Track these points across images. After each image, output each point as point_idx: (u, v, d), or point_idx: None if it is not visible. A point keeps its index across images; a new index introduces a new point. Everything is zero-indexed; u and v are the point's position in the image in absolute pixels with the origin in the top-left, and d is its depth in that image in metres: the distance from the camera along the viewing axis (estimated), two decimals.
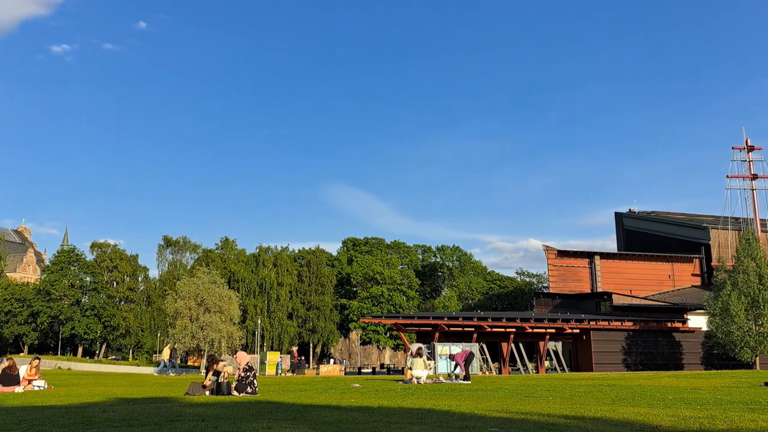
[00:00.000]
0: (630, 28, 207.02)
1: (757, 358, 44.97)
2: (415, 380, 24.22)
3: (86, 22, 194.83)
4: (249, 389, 16.93)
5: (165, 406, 13.03)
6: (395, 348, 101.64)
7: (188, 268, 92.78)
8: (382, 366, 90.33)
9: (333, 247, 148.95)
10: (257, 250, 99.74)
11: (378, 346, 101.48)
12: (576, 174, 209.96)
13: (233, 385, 17.05)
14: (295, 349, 48.39)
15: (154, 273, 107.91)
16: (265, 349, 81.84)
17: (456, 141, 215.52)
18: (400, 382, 25.14)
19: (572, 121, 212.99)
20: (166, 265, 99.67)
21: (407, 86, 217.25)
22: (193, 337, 48.06)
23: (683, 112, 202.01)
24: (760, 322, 43.83)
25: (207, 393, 16.98)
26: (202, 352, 50.21)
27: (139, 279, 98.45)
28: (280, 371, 49.32)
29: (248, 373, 17.18)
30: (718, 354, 48.14)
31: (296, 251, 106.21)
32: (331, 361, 67.48)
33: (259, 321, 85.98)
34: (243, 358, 17.64)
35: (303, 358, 61.70)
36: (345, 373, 54.03)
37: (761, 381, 24.83)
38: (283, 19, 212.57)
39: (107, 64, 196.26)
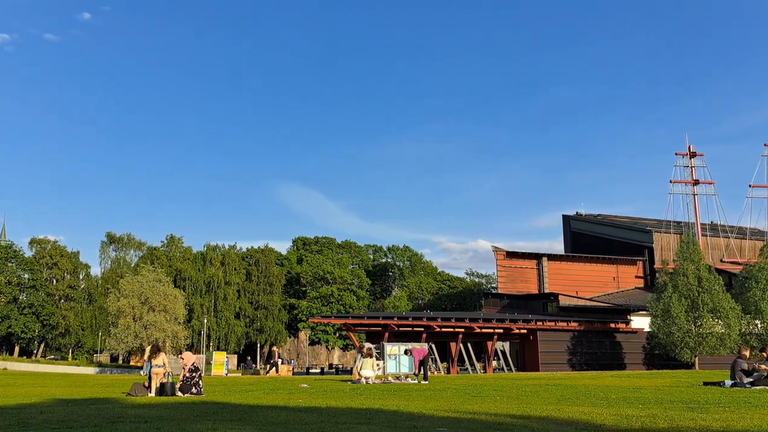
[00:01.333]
0: (579, 36, 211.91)
1: (697, 358, 46.34)
2: (363, 380, 24.02)
3: (26, 12, 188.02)
4: (194, 390, 16.67)
5: (105, 407, 12.68)
6: (344, 348, 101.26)
7: (132, 265, 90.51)
8: (330, 366, 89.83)
9: (283, 246, 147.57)
10: (204, 248, 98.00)
11: (327, 347, 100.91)
12: (525, 177, 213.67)
13: (177, 386, 16.71)
14: (276, 349, 47.64)
15: (96, 270, 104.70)
16: (211, 349, 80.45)
17: (409, 143, 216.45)
18: (349, 382, 24.92)
19: (523, 125, 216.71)
20: (109, 263, 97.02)
21: (361, 87, 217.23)
22: (136, 336, 46.77)
23: (629, 119, 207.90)
24: (699, 324, 45.17)
25: (150, 394, 16.58)
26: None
27: (81, 276, 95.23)
28: (227, 372, 48.42)
29: (193, 374, 16.90)
30: (659, 354, 49.44)
31: (245, 250, 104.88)
32: (279, 361, 66.74)
33: (206, 320, 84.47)
34: (189, 358, 17.39)
35: (249, 358, 60.78)
36: (293, 374, 53.67)
37: (700, 381, 25.47)
38: (224, 9, 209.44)
39: (48, 54, 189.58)
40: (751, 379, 21.57)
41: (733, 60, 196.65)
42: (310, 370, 70.00)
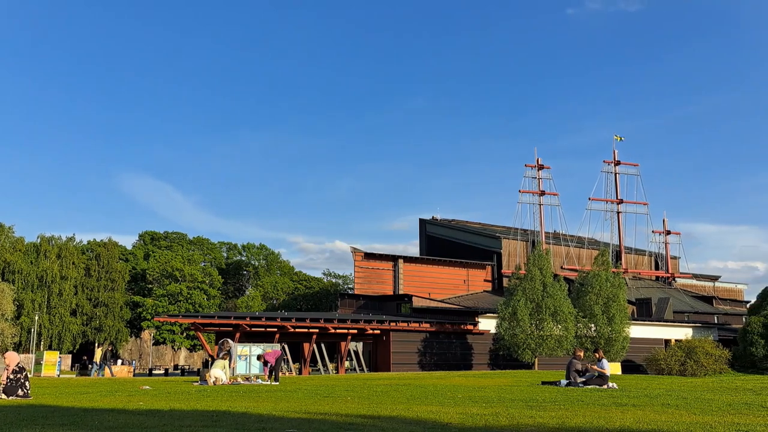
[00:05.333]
0: (441, 45, 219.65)
1: (536, 359, 49.06)
2: (212, 381, 22.93)
3: None
4: (20, 392, 15.47)
5: None
6: (192, 349, 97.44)
7: None
8: (176, 367, 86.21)
9: (128, 241, 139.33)
10: (38, 240, 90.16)
11: (173, 347, 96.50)
12: (383, 179, 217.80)
13: (1, 389, 15.38)
14: (108, 347, 45.38)
15: None
16: (42, 348, 74.38)
17: (265, 139, 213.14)
18: (195, 383, 23.85)
19: (382, 128, 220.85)
20: None
21: (217, 77, 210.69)
22: None
23: (484, 129, 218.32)
24: (541, 327, 47.87)
25: None
26: None
27: None
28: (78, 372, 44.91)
29: (18, 375, 15.66)
30: (503, 355, 51.82)
31: (85, 243, 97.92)
32: (119, 361, 62.87)
33: (37, 317, 77.79)
34: (13, 358, 16.07)
35: (86, 358, 56.46)
36: (134, 375, 50.81)
37: (539, 380, 26.79)
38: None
39: None
40: (584, 379, 22.95)
41: (578, 78, 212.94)
42: (154, 371, 66.70)
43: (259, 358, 28.42)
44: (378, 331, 52.76)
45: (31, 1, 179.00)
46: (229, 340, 29.38)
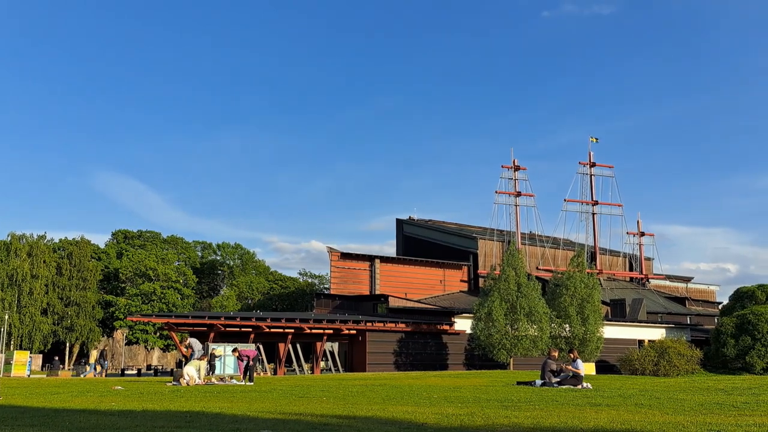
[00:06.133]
0: (419, 46, 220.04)
1: (512, 359, 49.28)
2: (185, 381, 22.63)
3: None
4: None
5: None
6: (165, 349, 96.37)
7: None
8: (149, 367, 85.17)
9: (101, 239, 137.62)
10: (8, 238, 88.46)
11: (146, 347, 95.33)
12: (360, 179, 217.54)
13: None
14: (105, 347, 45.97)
15: None
16: (12, 348, 73.01)
17: (241, 138, 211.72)
18: (169, 384, 23.55)
19: (360, 127, 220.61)
20: None
21: (192, 75, 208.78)
22: None
23: (462, 129, 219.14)
24: (516, 327, 48.10)
25: None
26: None
27: None
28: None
29: None
30: (479, 355, 52.00)
31: (57, 241, 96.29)
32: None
33: (7, 316, 76.30)
34: None
35: (57, 358, 55.61)
36: (106, 375, 50.09)
37: (514, 380, 26.90)
38: None
39: None
40: (558, 379, 23.09)
41: (554, 80, 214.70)
42: (126, 372, 65.85)
43: (234, 350, 28.35)
44: (354, 332, 52.61)
45: None
46: (195, 340, 29.00)
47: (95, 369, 43.63)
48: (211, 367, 28.16)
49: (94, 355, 44.17)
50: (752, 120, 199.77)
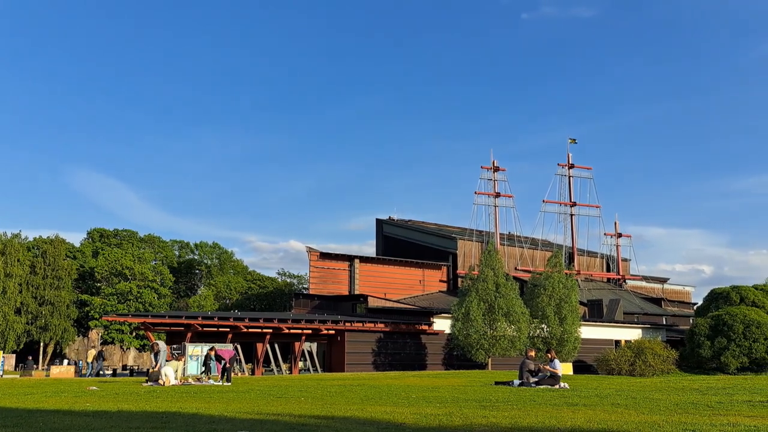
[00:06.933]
0: (400, 47, 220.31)
1: (490, 359, 49.41)
2: (162, 380, 22.40)
3: None
4: None
5: None
6: (141, 348, 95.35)
7: None
8: (124, 368, 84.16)
9: (77, 238, 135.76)
10: None
11: (122, 347, 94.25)
12: (340, 179, 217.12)
13: None
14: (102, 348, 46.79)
15: None
16: None
17: (219, 137, 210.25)
18: (145, 384, 23.29)
19: (340, 127, 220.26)
20: None
21: (171, 72, 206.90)
22: None
23: (442, 130, 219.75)
24: (494, 327, 48.24)
25: None
26: None
27: None
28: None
29: None
30: (457, 355, 52.10)
31: (31, 239, 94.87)
32: (65, 361, 61.11)
33: None
34: None
35: (30, 358, 54.68)
36: (80, 375, 49.39)
37: (492, 380, 26.99)
38: None
39: None
40: (536, 379, 23.20)
41: (534, 82, 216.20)
42: (101, 372, 64.86)
43: (211, 349, 28.15)
44: (333, 332, 52.44)
45: None
46: (160, 342, 28.90)
47: (91, 368, 44.05)
48: (207, 368, 27.90)
49: (91, 354, 44.53)
50: (727, 123, 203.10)
